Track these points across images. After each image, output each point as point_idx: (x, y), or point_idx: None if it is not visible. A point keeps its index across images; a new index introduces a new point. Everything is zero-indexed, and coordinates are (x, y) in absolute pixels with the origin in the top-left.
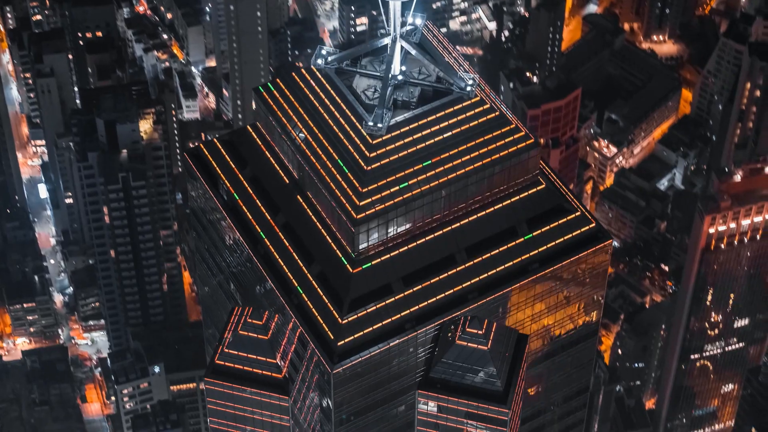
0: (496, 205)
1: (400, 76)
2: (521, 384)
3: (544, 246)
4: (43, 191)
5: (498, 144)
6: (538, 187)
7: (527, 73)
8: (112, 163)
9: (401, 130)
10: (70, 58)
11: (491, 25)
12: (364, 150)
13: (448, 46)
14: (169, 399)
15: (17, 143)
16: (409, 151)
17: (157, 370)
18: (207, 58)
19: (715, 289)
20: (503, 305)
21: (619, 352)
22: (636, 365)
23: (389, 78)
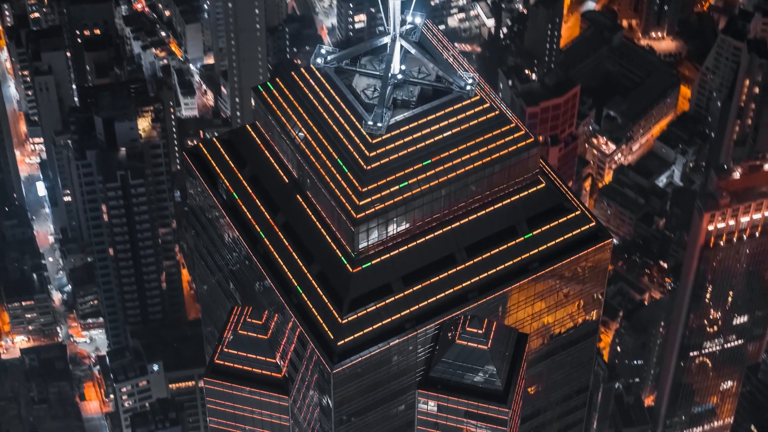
0: (496, 205)
1: (399, 75)
2: (521, 383)
3: (544, 245)
4: (41, 189)
5: (498, 143)
6: (538, 186)
7: (526, 71)
8: (110, 162)
9: (401, 130)
10: (68, 55)
11: (489, 22)
12: (364, 149)
13: (447, 44)
14: (168, 397)
15: (15, 141)
16: (408, 150)
17: (155, 368)
18: (205, 56)
19: (714, 287)
20: (503, 304)
21: (618, 349)
22: (635, 362)
23: (389, 77)
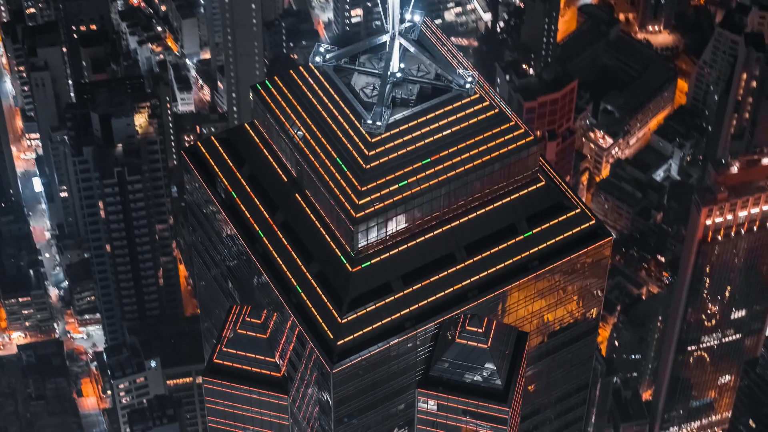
0: (496, 203)
1: (398, 74)
2: (521, 382)
3: (544, 243)
4: (37, 185)
5: (497, 141)
6: (538, 185)
7: (523, 65)
8: (107, 158)
9: (400, 128)
10: (64, 51)
11: (486, 16)
12: (363, 148)
13: (447, 42)
14: (165, 393)
15: (11, 137)
16: (408, 149)
17: (153, 364)
18: (201, 51)
19: (712, 281)
20: (503, 303)
21: (616, 343)
22: (633, 357)
23: (388, 75)
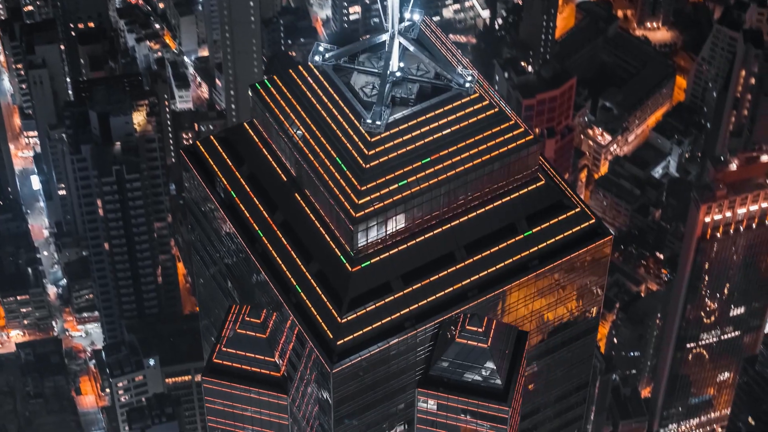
0: (496, 202)
1: (398, 73)
2: (521, 381)
3: (544, 243)
4: (35, 183)
5: (497, 140)
6: (538, 184)
7: (522, 63)
8: (105, 156)
9: (400, 128)
10: (62, 48)
11: (485, 13)
12: (363, 148)
13: (446, 41)
14: (164, 392)
15: (9, 134)
16: (408, 148)
17: (152, 362)
18: (199, 48)
19: (711, 278)
20: (503, 302)
21: (615, 341)
22: (632, 354)
23: (387, 74)
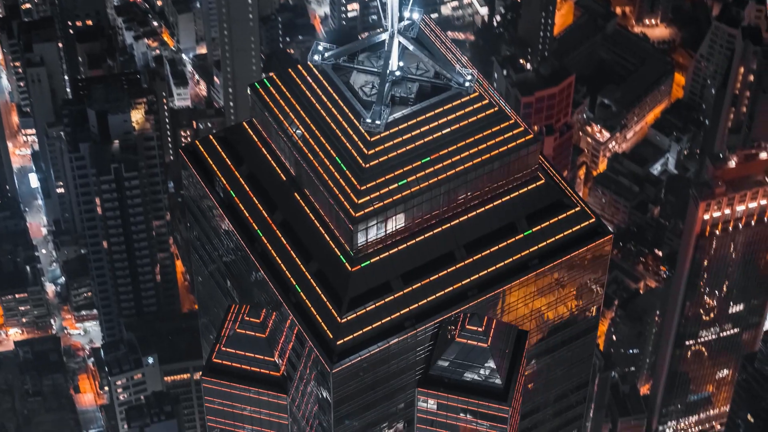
0: (496, 201)
1: (397, 72)
2: (521, 380)
3: (544, 242)
4: (33, 181)
5: (497, 140)
6: (538, 183)
7: (521, 60)
8: (104, 154)
9: (399, 127)
10: (60, 46)
11: (483, 10)
12: (362, 147)
13: (446, 40)
14: (163, 390)
15: (7, 132)
16: (407, 148)
17: (150, 361)
18: (198, 46)
19: (710, 275)
20: (503, 302)
21: (614, 338)
22: (631, 351)
23: (387, 74)
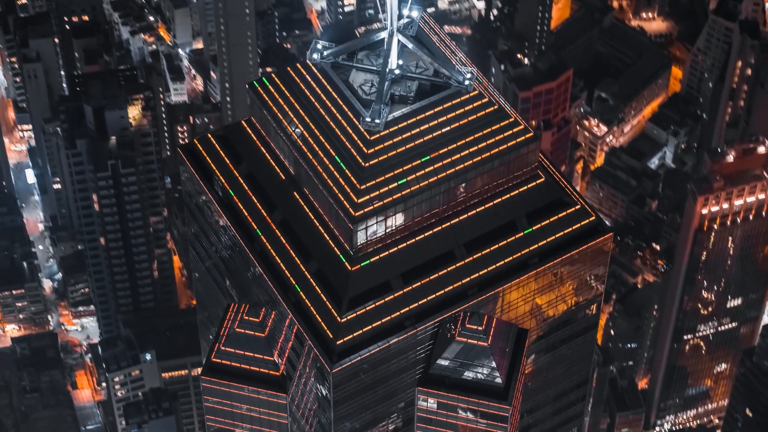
0: (496, 200)
1: (397, 71)
2: (521, 379)
3: (544, 240)
4: (30, 176)
5: (497, 138)
6: (538, 181)
7: (518, 55)
8: (101, 151)
9: (399, 126)
10: (57, 42)
11: (480, 4)
12: (362, 146)
13: (445, 38)
14: (161, 386)
15: (4, 128)
16: (407, 146)
17: (148, 357)
18: (194, 40)
19: (708, 269)
20: (503, 300)
21: (612, 332)
22: (629, 346)
23: (386, 72)
